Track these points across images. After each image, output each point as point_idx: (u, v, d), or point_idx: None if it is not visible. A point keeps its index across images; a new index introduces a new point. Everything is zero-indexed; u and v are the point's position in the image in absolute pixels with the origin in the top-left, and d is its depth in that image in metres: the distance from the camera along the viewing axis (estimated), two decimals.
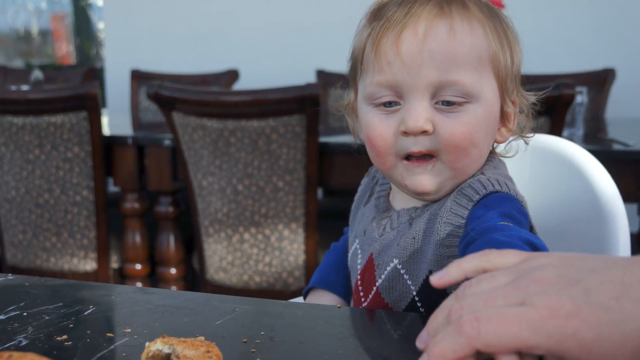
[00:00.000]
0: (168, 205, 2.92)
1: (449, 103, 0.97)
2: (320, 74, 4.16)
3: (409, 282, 1.02)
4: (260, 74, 4.50)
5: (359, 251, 1.11)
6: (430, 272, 0.99)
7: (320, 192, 3.70)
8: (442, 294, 0.97)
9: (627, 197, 2.32)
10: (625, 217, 1.18)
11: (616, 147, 2.41)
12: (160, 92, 2.51)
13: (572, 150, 1.27)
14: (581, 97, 2.65)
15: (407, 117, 0.97)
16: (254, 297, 1.00)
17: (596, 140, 2.69)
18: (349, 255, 1.16)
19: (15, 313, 0.93)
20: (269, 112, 2.44)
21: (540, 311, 0.57)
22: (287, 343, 0.84)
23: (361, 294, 1.08)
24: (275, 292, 2.60)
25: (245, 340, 0.83)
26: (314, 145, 2.47)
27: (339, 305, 0.98)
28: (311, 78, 4.20)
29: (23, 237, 2.87)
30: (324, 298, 1.19)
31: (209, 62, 4.70)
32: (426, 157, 0.99)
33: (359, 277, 1.10)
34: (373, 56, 0.98)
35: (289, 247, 2.57)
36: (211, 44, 4.87)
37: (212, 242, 2.64)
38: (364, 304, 1.08)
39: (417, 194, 1.02)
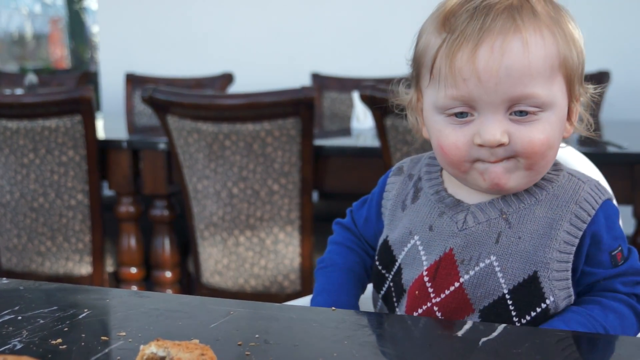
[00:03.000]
0: (163, 208, 2.92)
1: (522, 113, 0.98)
2: (315, 77, 4.17)
3: (502, 280, 1.03)
4: (255, 77, 4.50)
5: (421, 247, 1.08)
6: (535, 273, 1.02)
7: (315, 195, 3.70)
8: (537, 294, 1.01)
9: (621, 199, 2.33)
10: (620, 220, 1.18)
11: (611, 149, 2.41)
12: (154, 95, 2.51)
13: (566, 153, 1.27)
14: None
15: (483, 131, 0.98)
16: (248, 300, 1.00)
17: (591, 143, 2.69)
18: (403, 253, 1.11)
19: (9, 317, 0.93)
20: (263, 116, 2.44)
21: None
22: (282, 346, 0.84)
23: (430, 289, 1.06)
24: (270, 295, 2.60)
25: (240, 343, 0.83)
26: (309, 148, 2.47)
27: (333, 308, 0.98)
28: (306, 81, 4.20)
29: (18, 241, 2.86)
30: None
31: (204, 65, 4.69)
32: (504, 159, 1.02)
33: (425, 272, 1.07)
34: (447, 70, 0.99)
35: (284, 250, 2.57)
36: (206, 48, 4.87)
37: (208, 245, 2.64)
38: (435, 300, 1.06)
39: (494, 190, 1.04)
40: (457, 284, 1.04)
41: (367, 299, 1.21)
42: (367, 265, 1.21)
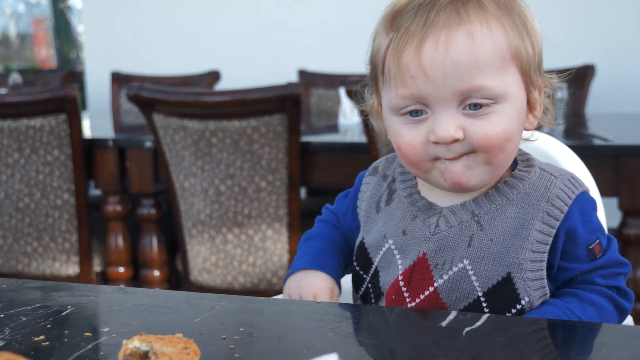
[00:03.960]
0: (150, 207, 2.91)
1: (476, 106, 0.97)
2: (302, 73, 4.16)
3: (476, 283, 1.02)
4: (241, 74, 4.49)
5: (396, 251, 1.08)
6: (509, 274, 1.00)
7: (303, 192, 3.70)
8: (512, 295, 1.00)
9: (607, 192, 2.34)
10: (603, 212, 1.19)
11: (596, 141, 2.42)
12: (140, 93, 2.50)
13: (551, 146, 1.27)
14: (561, 93, 2.66)
15: (436, 128, 0.97)
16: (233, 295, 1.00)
17: (576, 136, 2.70)
18: (378, 257, 1.10)
19: None
20: (250, 112, 2.43)
21: None
22: (266, 339, 0.84)
23: (406, 294, 1.05)
24: (259, 292, 2.60)
25: (223, 337, 0.83)
26: (296, 144, 2.47)
27: (317, 301, 0.98)
28: (293, 78, 4.20)
29: (3, 242, 2.85)
30: (319, 279, 1.13)
31: (190, 63, 4.68)
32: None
33: (400, 277, 1.06)
34: (395, 69, 0.98)
35: (272, 247, 2.57)
36: (192, 45, 4.86)
37: (195, 243, 2.63)
38: (411, 305, 1.05)
39: (457, 189, 1.02)
40: (431, 289, 1.04)
41: (348, 294, 1.20)
42: (350, 246, 1.20)
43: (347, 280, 1.20)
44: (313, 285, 1.11)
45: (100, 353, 0.80)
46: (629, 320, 1.12)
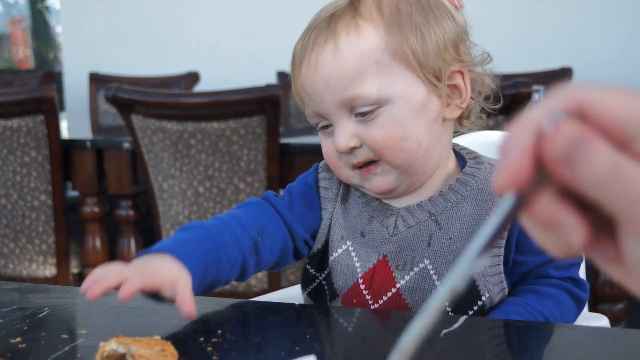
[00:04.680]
0: (128, 208, 2.89)
1: (363, 113, 1.00)
2: (281, 75, 4.16)
3: (437, 283, 1.02)
4: (220, 76, 4.48)
5: (354, 253, 1.07)
6: None
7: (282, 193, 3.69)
8: (473, 292, 1.01)
9: None
10: None
11: None
12: (118, 94, 2.49)
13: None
14: (538, 96, 2.68)
15: (334, 139, 1.02)
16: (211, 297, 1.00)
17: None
18: (333, 257, 1.07)
19: None
20: (229, 114, 2.43)
21: None
22: (244, 341, 0.84)
23: (368, 297, 1.05)
24: (237, 294, 2.59)
25: (201, 339, 0.83)
26: (275, 146, 2.47)
27: (296, 303, 0.98)
28: (272, 80, 4.20)
29: None
30: (166, 266, 0.89)
31: (169, 64, 4.67)
32: (372, 162, 1.02)
33: (360, 280, 1.05)
34: (294, 91, 1.05)
35: None
36: (171, 47, 4.84)
37: None
38: (374, 307, 1.05)
39: (380, 195, 1.05)
40: (394, 290, 1.04)
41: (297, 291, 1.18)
42: (247, 252, 1.01)
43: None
44: (157, 274, 0.86)
45: (78, 355, 0.80)
46: (604, 322, 1.13)
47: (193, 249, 0.93)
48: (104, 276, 0.84)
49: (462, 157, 1.10)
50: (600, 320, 1.12)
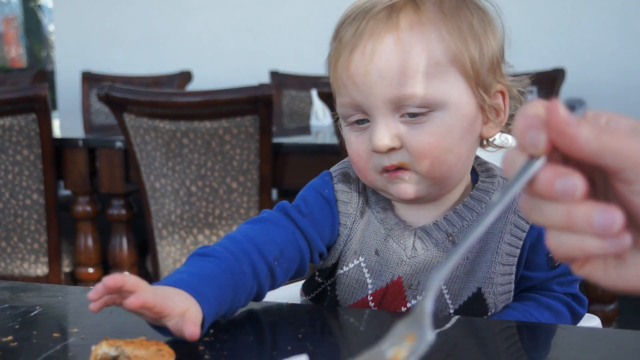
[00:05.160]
0: (120, 207, 2.89)
1: (413, 115, 0.94)
2: (274, 74, 4.16)
3: (449, 301, 1.01)
4: (213, 75, 4.47)
5: (366, 270, 1.04)
6: (479, 290, 1.00)
7: (274, 193, 3.69)
8: (481, 309, 1.00)
9: None
10: None
11: None
12: (110, 93, 2.48)
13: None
14: (531, 97, 2.68)
15: (372, 137, 0.95)
16: None
17: None
18: (343, 270, 1.05)
19: None
20: (221, 113, 2.42)
21: None
22: (236, 340, 0.83)
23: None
24: None
25: None
26: (268, 145, 2.47)
27: (289, 303, 0.98)
28: (265, 79, 4.19)
29: None
30: (181, 297, 0.84)
31: (162, 63, 4.66)
32: (401, 168, 0.97)
33: (370, 297, 1.03)
34: (333, 79, 0.99)
35: None
36: (164, 46, 4.83)
37: (166, 244, 2.62)
38: None
39: (404, 201, 1.01)
40: (403, 309, 1.02)
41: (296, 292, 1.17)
42: (263, 281, 0.96)
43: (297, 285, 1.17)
44: (168, 301, 0.82)
45: (69, 354, 0.80)
46: (596, 322, 1.13)
47: (211, 286, 0.86)
48: (123, 276, 0.81)
49: (473, 168, 1.06)
50: (593, 321, 1.13)
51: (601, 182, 0.56)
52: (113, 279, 0.79)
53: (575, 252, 0.53)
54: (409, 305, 1.02)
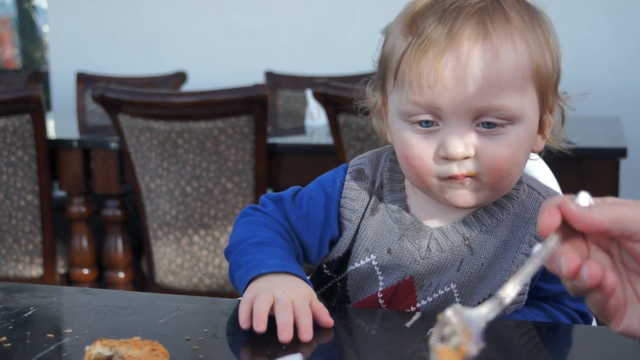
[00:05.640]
0: (115, 208, 2.88)
1: (489, 125, 0.93)
2: (269, 75, 4.16)
3: (459, 304, 1.00)
4: (208, 75, 4.47)
5: (377, 268, 1.03)
6: (490, 296, 0.96)
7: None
8: None
9: (570, 194, 2.36)
10: None
11: (560, 144, 2.44)
12: (105, 94, 2.48)
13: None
14: None
15: (448, 143, 0.92)
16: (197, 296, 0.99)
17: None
18: (355, 266, 1.05)
19: None
20: (216, 114, 2.42)
21: None
22: (230, 340, 0.83)
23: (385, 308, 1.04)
24: (225, 294, 2.59)
25: (187, 338, 0.83)
26: (263, 146, 2.47)
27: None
28: (260, 79, 4.19)
29: None
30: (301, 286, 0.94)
31: (157, 64, 4.65)
32: (466, 176, 0.95)
33: (380, 294, 1.03)
34: (411, 76, 0.92)
35: None
36: (158, 46, 4.83)
37: (161, 245, 2.61)
38: None
39: (453, 206, 0.98)
40: (413, 308, 1.02)
41: None
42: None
43: None
44: (301, 293, 0.90)
45: (63, 354, 0.80)
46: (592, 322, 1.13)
47: (295, 263, 0.98)
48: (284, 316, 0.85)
49: None
50: None
51: (616, 251, 0.69)
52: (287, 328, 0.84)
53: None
54: (418, 305, 1.01)
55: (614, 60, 4.03)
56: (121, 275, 2.92)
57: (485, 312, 0.61)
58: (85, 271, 2.93)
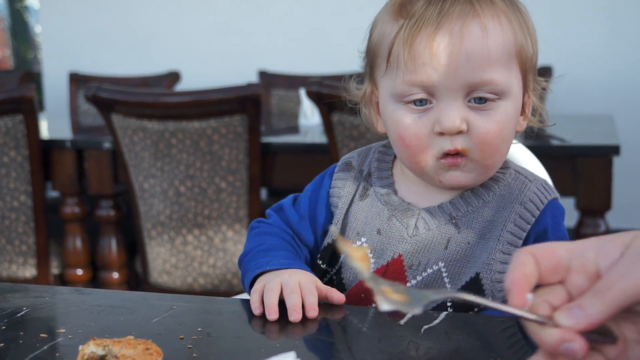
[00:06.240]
0: (109, 208, 2.88)
1: (481, 100, 0.98)
2: (263, 74, 4.15)
3: (448, 285, 1.02)
4: (202, 75, 4.47)
5: (368, 250, 1.03)
6: (477, 275, 1.01)
7: (263, 193, 3.69)
8: (479, 294, 1.00)
9: (564, 192, 2.37)
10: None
11: (554, 142, 2.45)
12: (98, 94, 2.47)
13: (514, 149, 1.29)
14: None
15: (443, 118, 0.97)
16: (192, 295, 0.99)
17: (534, 136, 2.73)
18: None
19: None
20: (210, 113, 2.42)
21: None
22: (225, 338, 0.83)
23: None
24: (219, 293, 2.58)
25: (182, 337, 0.83)
26: (256, 145, 2.46)
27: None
28: (253, 79, 4.19)
29: None
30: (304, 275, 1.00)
31: (150, 64, 4.65)
32: (457, 155, 0.99)
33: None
34: (406, 56, 0.97)
35: (233, 248, 2.56)
36: (152, 46, 4.82)
37: (155, 245, 2.61)
38: None
39: (452, 188, 1.04)
40: None
41: None
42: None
43: None
44: (307, 276, 0.98)
45: (56, 354, 0.79)
46: None
47: (300, 262, 1.05)
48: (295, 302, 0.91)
49: None
50: None
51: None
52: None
53: None
54: (408, 285, 1.03)
55: (607, 59, 4.04)
56: (115, 275, 2.92)
57: (430, 294, 0.61)
58: (79, 272, 2.93)
